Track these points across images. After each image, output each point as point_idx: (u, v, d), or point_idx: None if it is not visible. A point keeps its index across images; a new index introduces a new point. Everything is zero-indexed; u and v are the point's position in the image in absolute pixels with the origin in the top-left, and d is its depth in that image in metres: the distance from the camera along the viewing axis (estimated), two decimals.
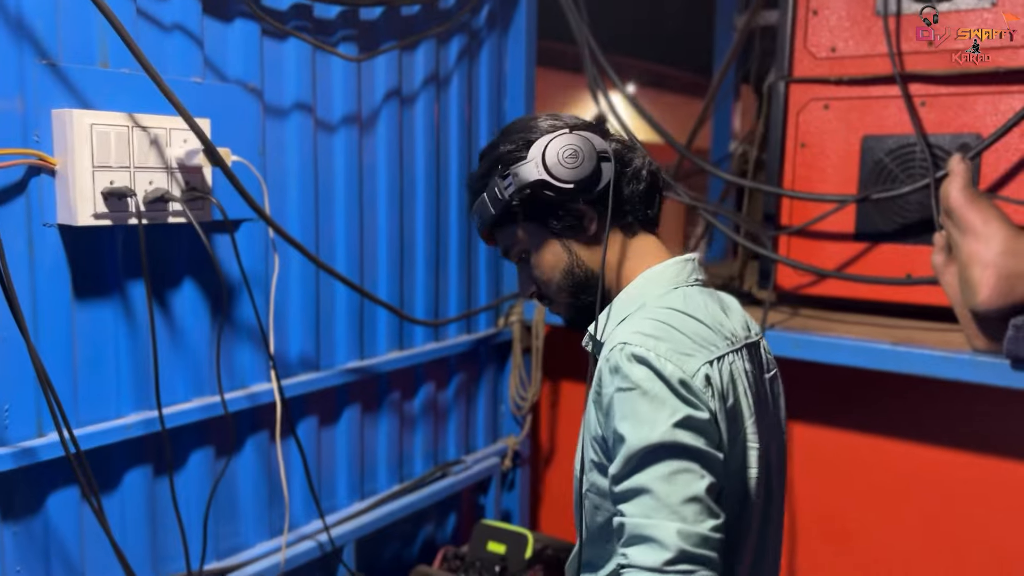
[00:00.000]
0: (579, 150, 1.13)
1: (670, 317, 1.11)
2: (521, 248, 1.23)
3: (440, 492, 1.99)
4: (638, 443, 1.00)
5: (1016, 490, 1.81)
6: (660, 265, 1.19)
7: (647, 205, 1.21)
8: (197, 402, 1.52)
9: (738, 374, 1.12)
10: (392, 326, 1.92)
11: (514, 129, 1.23)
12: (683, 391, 1.02)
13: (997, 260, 1.62)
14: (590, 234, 1.18)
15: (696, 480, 0.99)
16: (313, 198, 1.70)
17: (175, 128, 1.38)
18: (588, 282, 1.20)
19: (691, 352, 1.06)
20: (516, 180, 1.16)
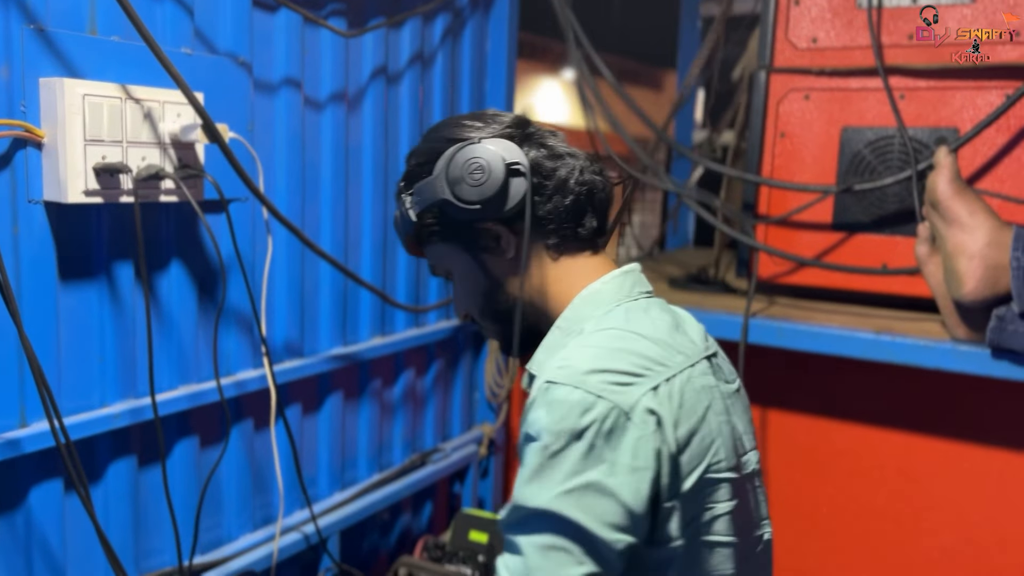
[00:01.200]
0: (485, 163, 1.01)
1: (609, 340, 0.98)
2: (444, 269, 1.14)
3: (421, 481, 1.96)
4: (523, 501, 0.91)
5: (994, 477, 1.86)
6: (596, 283, 1.07)
7: (575, 221, 1.07)
8: (183, 390, 1.45)
9: (700, 390, 0.99)
10: (375, 312, 1.87)
11: (429, 136, 1.11)
12: (600, 443, 0.89)
13: (983, 251, 1.66)
14: (510, 256, 1.07)
15: (570, 565, 0.88)
16: (300, 178, 1.64)
17: (168, 101, 1.31)
18: (511, 310, 1.08)
19: (629, 381, 0.93)
20: (419, 200, 1.06)
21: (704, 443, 0.96)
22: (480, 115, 1.10)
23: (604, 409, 0.90)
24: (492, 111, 1.11)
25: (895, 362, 1.79)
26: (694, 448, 0.95)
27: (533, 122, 1.11)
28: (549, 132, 1.11)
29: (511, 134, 1.07)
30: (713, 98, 3.03)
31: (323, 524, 1.67)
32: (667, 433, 0.92)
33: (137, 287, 1.36)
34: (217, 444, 1.54)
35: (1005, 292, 1.63)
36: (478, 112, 1.12)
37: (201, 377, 1.48)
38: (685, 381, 0.97)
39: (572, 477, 0.88)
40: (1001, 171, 1.85)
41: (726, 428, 1.00)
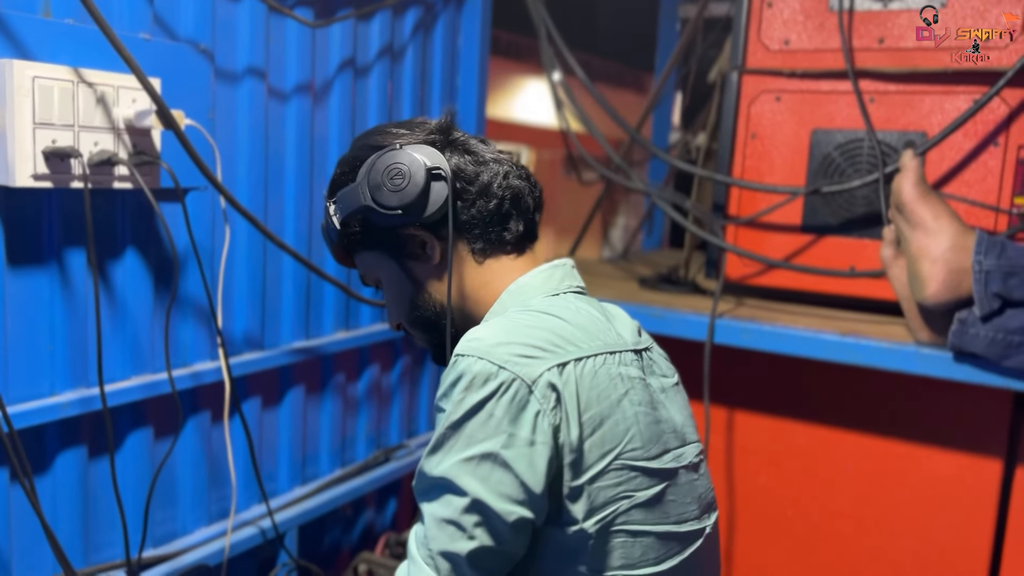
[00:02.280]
0: (405, 168, 1.02)
1: (523, 318, 0.99)
2: (373, 278, 1.14)
3: (383, 477, 1.94)
4: (427, 469, 0.94)
5: (954, 480, 1.86)
6: (524, 276, 1.07)
7: (501, 225, 1.08)
8: (136, 380, 1.43)
9: (616, 378, 0.97)
10: (339, 305, 1.85)
11: (355, 145, 1.13)
12: (500, 413, 0.90)
13: (946, 255, 1.66)
14: (435, 262, 1.08)
15: (460, 540, 0.90)
16: (263, 168, 1.62)
17: (123, 86, 1.29)
18: (439, 317, 1.09)
19: (536, 355, 0.93)
20: (341, 207, 1.07)
21: (616, 429, 0.95)
22: (407, 123, 1.12)
23: (505, 379, 0.90)
24: (421, 119, 1.13)
25: (859, 364, 1.79)
26: (604, 433, 0.94)
27: (457, 129, 1.12)
28: (476, 139, 1.12)
29: (433, 140, 1.08)
30: (689, 99, 3.04)
31: (281, 519, 1.65)
32: (568, 412, 0.92)
33: (90, 275, 1.34)
34: (171, 436, 1.52)
35: (967, 296, 1.63)
36: (406, 120, 1.13)
37: (156, 368, 1.46)
38: (600, 365, 0.97)
39: (470, 447, 0.90)
40: (968, 176, 1.86)
41: (646, 419, 0.99)
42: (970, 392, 1.79)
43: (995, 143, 1.83)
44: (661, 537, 0.99)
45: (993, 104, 1.81)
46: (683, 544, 1.02)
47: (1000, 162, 1.84)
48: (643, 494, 0.97)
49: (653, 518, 0.98)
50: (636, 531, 0.97)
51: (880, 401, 1.94)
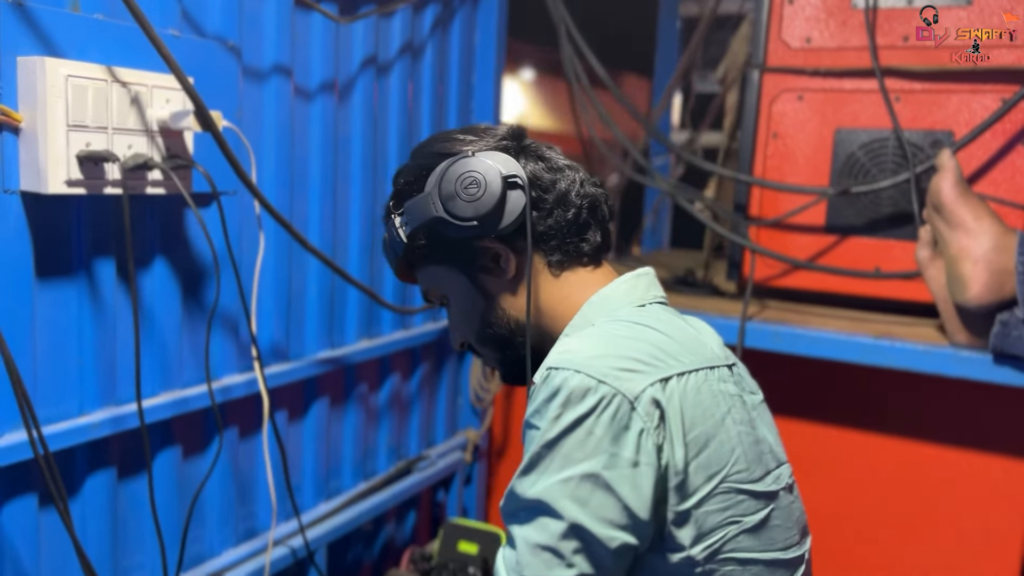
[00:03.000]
0: (480, 177, 0.95)
1: (618, 328, 0.93)
2: (438, 294, 1.07)
3: (407, 490, 1.88)
4: (520, 490, 0.87)
5: (995, 483, 1.84)
6: (607, 288, 1.01)
7: (579, 236, 1.02)
8: (166, 396, 1.35)
9: (718, 395, 0.92)
10: (363, 313, 1.78)
11: (419, 152, 1.05)
12: (600, 432, 0.84)
13: (988, 256, 1.64)
14: (509, 276, 1.00)
15: (557, 568, 0.84)
16: (288, 171, 1.55)
17: (157, 86, 1.21)
18: (513, 333, 1.02)
19: (637, 368, 0.87)
20: (410, 218, 0.99)
21: (722, 450, 0.90)
22: (472, 129, 1.05)
23: (605, 394, 0.84)
24: (484, 125, 1.06)
25: (895, 367, 1.76)
26: (710, 454, 0.89)
27: (529, 134, 1.06)
28: (545, 145, 1.06)
29: (506, 146, 1.01)
30: (693, 99, 3.01)
31: (310, 536, 1.58)
32: (673, 431, 0.86)
33: (119, 286, 1.27)
34: (200, 454, 1.45)
35: (1009, 297, 1.61)
36: (469, 126, 1.06)
37: (184, 382, 1.39)
38: (701, 381, 0.91)
39: (568, 467, 0.84)
40: (996, 175, 1.84)
41: (748, 439, 0.94)
42: (1010, 394, 1.77)
43: (1023, 142, 1.82)
44: (769, 565, 0.94)
45: (1021, 103, 1.79)
46: (789, 572, 0.97)
47: None
48: (750, 519, 0.92)
49: (760, 545, 0.93)
50: (745, 559, 0.91)
51: (912, 404, 1.92)
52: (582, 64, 2.07)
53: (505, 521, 0.91)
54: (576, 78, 2.06)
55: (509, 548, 0.90)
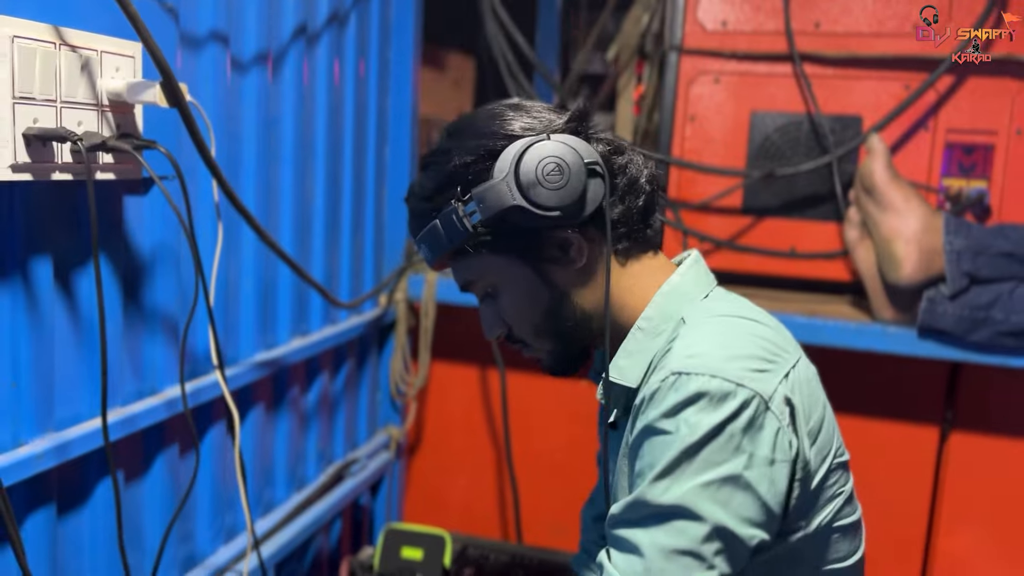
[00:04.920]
0: (563, 164, 0.89)
1: (731, 327, 0.92)
2: (487, 283, 0.99)
3: (345, 497, 1.74)
4: (652, 497, 0.85)
5: (920, 452, 1.94)
6: (674, 277, 0.99)
7: (645, 222, 0.99)
8: (109, 416, 1.15)
9: (813, 377, 0.96)
10: (294, 309, 1.62)
11: (470, 131, 0.95)
12: (739, 434, 0.83)
13: (918, 236, 1.72)
14: (577, 266, 0.96)
15: (699, 570, 0.83)
16: (226, 150, 1.37)
17: (107, 51, 1.02)
18: (579, 324, 0.98)
19: (766, 368, 0.87)
20: (483, 207, 0.91)
21: (829, 431, 0.94)
22: (519, 106, 0.97)
23: (745, 397, 0.84)
24: (527, 102, 0.98)
25: (827, 345, 1.82)
26: (824, 437, 0.92)
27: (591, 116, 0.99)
28: (602, 126, 1.01)
29: (576, 128, 0.95)
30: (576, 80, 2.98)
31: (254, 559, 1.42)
32: (800, 423, 0.88)
33: (57, 290, 1.06)
34: (139, 479, 1.26)
35: (937, 275, 1.70)
36: (513, 103, 0.98)
37: (125, 399, 1.20)
38: (804, 369, 0.94)
39: (710, 470, 0.83)
40: (900, 158, 1.93)
41: (832, 414, 0.98)
42: (909, 365, 1.87)
43: (925, 127, 1.92)
44: (856, 526, 1.00)
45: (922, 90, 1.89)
46: (862, 527, 1.03)
47: (930, 145, 1.93)
48: (846, 488, 0.97)
49: (852, 509, 0.98)
50: (846, 525, 0.96)
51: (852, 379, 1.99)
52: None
53: (617, 528, 0.88)
54: (502, 57, 1.98)
55: (627, 555, 0.86)
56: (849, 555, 0.98)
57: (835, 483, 0.94)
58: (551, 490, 2.16)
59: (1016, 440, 1.88)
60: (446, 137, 0.97)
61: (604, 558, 0.88)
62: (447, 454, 2.24)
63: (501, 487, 2.20)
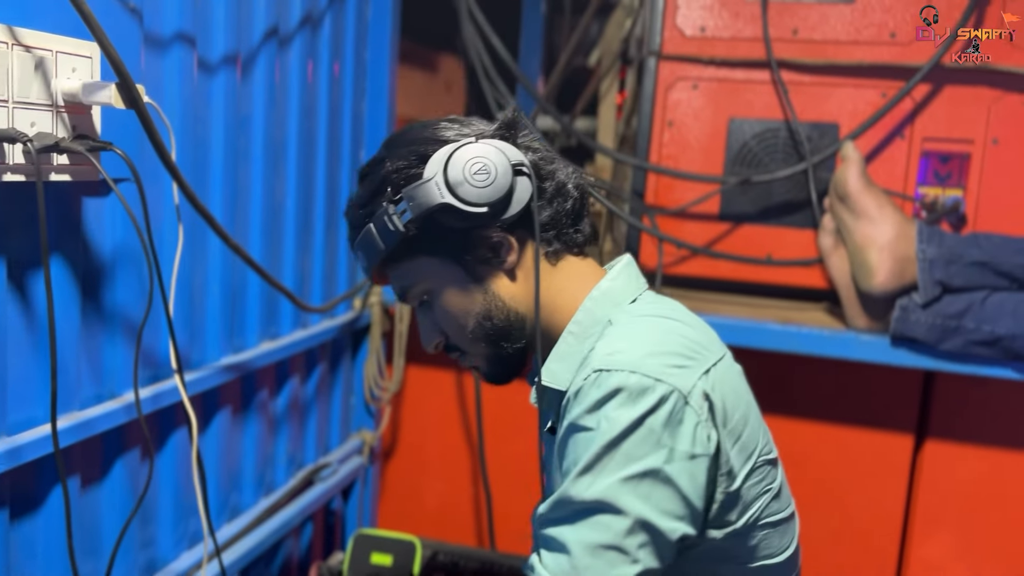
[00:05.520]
0: (490, 163, 0.93)
1: (653, 325, 0.95)
2: (422, 289, 1.02)
3: (314, 502, 1.73)
4: (575, 493, 0.86)
5: (895, 460, 1.94)
6: (604, 281, 1.02)
7: (575, 226, 1.03)
8: (65, 420, 1.14)
9: (739, 376, 0.99)
10: (263, 312, 1.61)
11: (403, 140, 1.00)
12: (659, 428, 0.85)
13: (892, 244, 1.72)
14: (508, 266, 1.00)
15: (623, 565, 0.84)
16: (192, 152, 1.36)
17: (62, 51, 1.01)
18: (512, 326, 1.00)
19: (685, 364, 0.89)
20: (413, 205, 0.94)
21: (754, 428, 0.96)
22: (456, 119, 1.02)
23: (664, 392, 0.86)
24: (463, 117, 1.03)
25: (800, 352, 1.82)
26: (748, 435, 0.94)
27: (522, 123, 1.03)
28: (532, 136, 1.04)
29: (504, 135, 0.99)
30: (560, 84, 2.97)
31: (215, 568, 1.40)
32: (719, 419, 0.90)
33: (10, 291, 1.05)
34: (98, 483, 1.25)
35: (910, 283, 1.70)
36: (450, 117, 1.03)
37: (84, 403, 1.18)
38: (728, 366, 0.97)
39: (630, 464, 0.85)
40: (876, 166, 1.93)
41: (758, 412, 1.01)
42: (883, 373, 1.87)
43: (901, 135, 1.92)
44: (787, 521, 1.02)
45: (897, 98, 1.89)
46: (795, 521, 1.06)
47: (906, 154, 1.93)
48: (775, 485, 0.98)
49: (781, 505, 1.00)
50: (776, 521, 0.98)
51: (795, 384, 1.99)
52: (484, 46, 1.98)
53: (545, 527, 0.89)
54: (479, 60, 1.97)
55: (555, 555, 0.87)
56: (780, 551, 1.00)
57: (762, 480, 0.96)
58: (525, 496, 2.14)
59: (989, 448, 1.88)
60: (382, 147, 1.00)
61: (535, 559, 0.90)
62: (422, 459, 2.23)
63: (476, 493, 2.19)
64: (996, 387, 1.81)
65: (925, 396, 1.94)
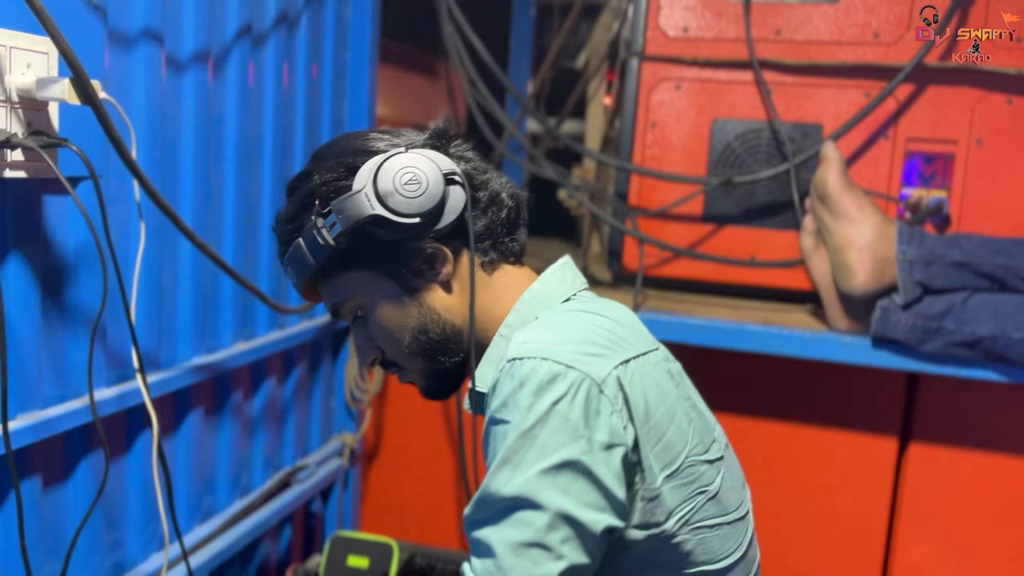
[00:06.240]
0: (420, 173, 0.92)
1: (572, 317, 0.94)
2: (355, 304, 1.00)
3: (290, 504, 1.72)
4: (495, 489, 0.84)
5: (879, 463, 1.92)
6: (536, 283, 1.01)
7: (510, 235, 1.02)
8: (23, 419, 1.13)
9: (666, 374, 0.95)
10: (237, 313, 1.60)
11: (331, 152, 0.98)
12: (575, 417, 0.82)
13: (871, 245, 1.70)
14: (443, 278, 0.98)
15: (547, 562, 0.81)
16: (159, 151, 1.35)
17: (16, 47, 1.00)
18: (448, 339, 0.99)
19: (599, 352, 0.87)
20: (342, 218, 0.92)
21: (681, 427, 0.92)
22: (385, 129, 1.00)
23: (575, 379, 0.84)
24: (394, 128, 1.02)
25: (781, 354, 1.80)
26: (673, 433, 0.91)
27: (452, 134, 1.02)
28: (465, 146, 1.03)
29: (435, 145, 0.98)
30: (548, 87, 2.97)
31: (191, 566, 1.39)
32: (635, 413, 0.87)
33: None
34: (61, 483, 1.24)
35: (890, 284, 1.68)
36: (381, 128, 1.01)
37: (45, 402, 1.17)
38: (653, 363, 0.93)
39: (546, 456, 0.82)
40: (859, 167, 1.92)
41: (693, 413, 0.97)
42: (867, 375, 1.86)
43: (885, 136, 1.91)
44: (731, 524, 0.97)
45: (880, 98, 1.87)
46: (744, 525, 1.01)
47: (889, 154, 1.91)
48: (712, 486, 0.94)
49: (721, 508, 0.96)
50: (713, 524, 0.94)
51: (777, 386, 1.97)
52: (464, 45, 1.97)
53: (471, 530, 0.87)
54: (459, 58, 1.96)
55: (481, 560, 0.85)
56: (721, 557, 0.96)
57: (692, 482, 0.92)
58: None
59: (974, 451, 1.86)
60: (310, 160, 0.99)
61: (466, 566, 0.88)
62: (404, 462, 2.22)
63: (459, 496, 2.18)
64: (980, 389, 1.79)
65: (909, 398, 1.92)
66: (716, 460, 0.97)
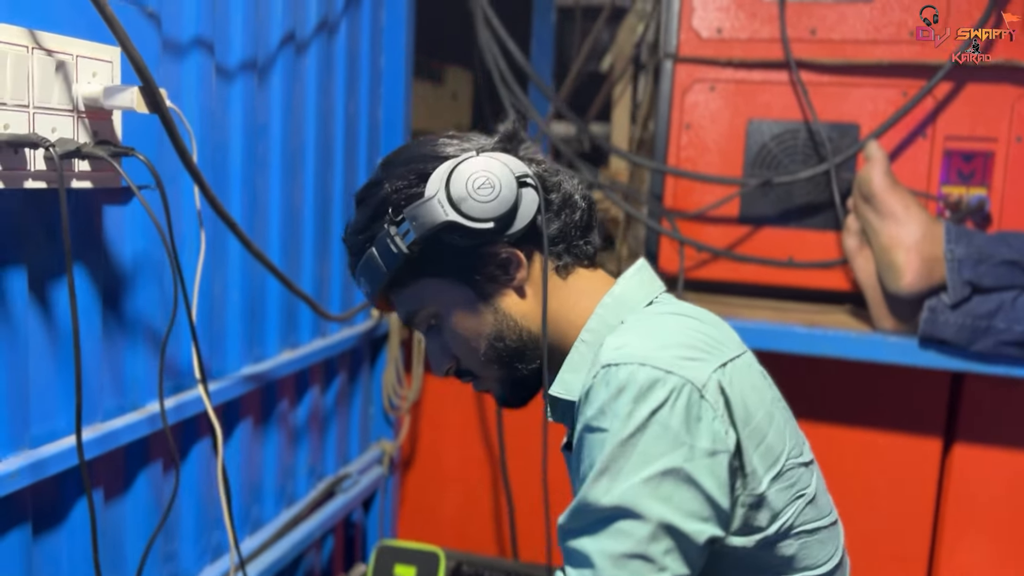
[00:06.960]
0: (493, 177, 0.89)
1: (664, 320, 0.92)
2: (430, 313, 0.98)
3: (336, 514, 1.70)
4: (593, 499, 0.81)
5: (923, 464, 1.91)
6: (615, 287, 0.98)
7: (584, 237, 1.00)
8: (87, 433, 1.12)
9: (760, 376, 0.94)
10: (282, 321, 1.59)
11: (401, 159, 0.96)
12: (676, 424, 0.80)
13: (919, 244, 1.69)
14: (517, 283, 0.96)
15: (649, 573, 0.79)
16: (211, 159, 1.34)
17: (83, 56, 0.99)
18: (525, 345, 0.96)
19: (698, 356, 0.85)
20: (416, 225, 0.90)
21: (779, 429, 0.90)
22: (455, 135, 0.98)
23: (676, 384, 0.81)
24: (461, 132, 1.00)
25: (828, 355, 1.79)
26: (773, 436, 0.88)
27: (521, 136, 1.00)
28: (535, 147, 1.01)
29: (505, 148, 0.96)
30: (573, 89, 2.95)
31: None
32: (737, 415, 0.85)
33: (32, 302, 1.03)
34: (120, 495, 1.23)
35: (938, 283, 1.67)
36: (448, 132, 0.99)
37: (107, 414, 1.16)
38: (748, 365, 0.91)
39: (648, 464, 0.80)
40: (898, 166, 1.90)
41: (787, 414, 0.96)
42: (909, 375, 1.84)
43: (923, 135, 1.90)
44: (827, 529, 0.95)
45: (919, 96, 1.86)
46: (838, 531, 0.99)
47: (928, 153, 1.90)
48: (809, 490, 0.92)
49: (818, 512, 0.93)
50: (812, 528, 0.92)
51: (820, 388, 1.96)
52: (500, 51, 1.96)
53: (567, 539, 0.85)
54: (495, 65, 1.95)
55: (580, 570, 0.83)
56: (821, 562, 0.94)
57: (793, 485, 0.89)
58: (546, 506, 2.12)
59: (1020, 451, 1.84)
60: (379, 169, 0.97)
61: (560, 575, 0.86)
62: (442, 469, 2.21)
63: (497, 502, 2.16)
64: None
65: (953, 398, 1.90)
66: (809, 463, 0.95)
